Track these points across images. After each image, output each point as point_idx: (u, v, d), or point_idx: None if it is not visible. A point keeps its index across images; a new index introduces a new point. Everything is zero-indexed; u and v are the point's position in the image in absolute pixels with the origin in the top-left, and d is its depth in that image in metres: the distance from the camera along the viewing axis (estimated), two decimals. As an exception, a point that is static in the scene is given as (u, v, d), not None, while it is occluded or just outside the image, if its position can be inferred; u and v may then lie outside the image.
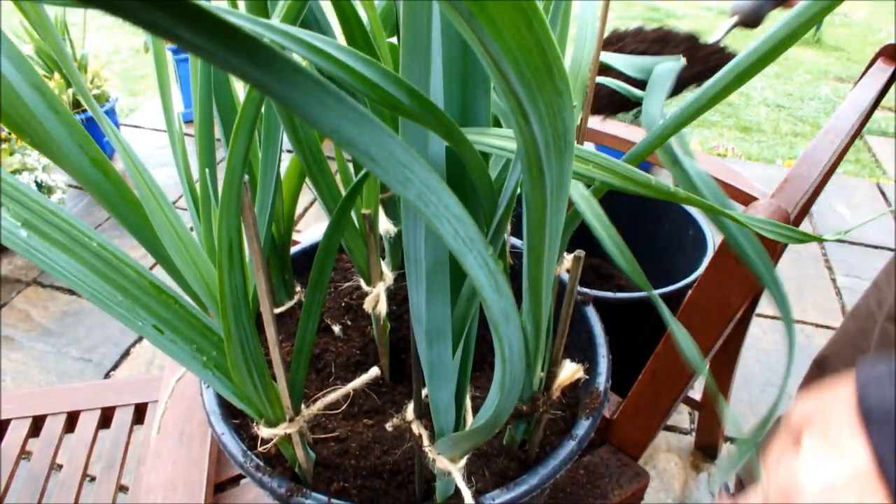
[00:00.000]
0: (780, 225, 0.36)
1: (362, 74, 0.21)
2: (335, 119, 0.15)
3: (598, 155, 0.33)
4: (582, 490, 0.70)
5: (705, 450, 1.45)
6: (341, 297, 0.67)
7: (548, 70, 0.18)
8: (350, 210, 0.46)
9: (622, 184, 0.33)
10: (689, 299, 0.64)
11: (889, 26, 4.33)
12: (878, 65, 0.92)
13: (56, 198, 1.98)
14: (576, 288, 0.45)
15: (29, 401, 0.92)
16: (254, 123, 0.32)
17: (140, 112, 3.01)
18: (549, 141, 0.22)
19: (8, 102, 0.34)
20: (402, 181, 0.18)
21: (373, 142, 0.16)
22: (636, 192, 0.33)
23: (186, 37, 0.11)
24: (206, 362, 0.42)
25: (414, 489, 0.49)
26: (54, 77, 2.21)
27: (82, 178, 0.39)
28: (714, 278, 0.61)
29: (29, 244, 0.36)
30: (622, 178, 0.33)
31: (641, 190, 0.33)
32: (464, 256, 0.23)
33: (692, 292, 0.63)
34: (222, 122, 0.52)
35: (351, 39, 0.39)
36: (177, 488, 0.72)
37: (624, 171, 0.33)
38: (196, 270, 0.43)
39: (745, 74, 0.34)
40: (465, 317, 0.37)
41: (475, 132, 0.31)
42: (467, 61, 0.30)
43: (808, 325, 1.84)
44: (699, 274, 0.87)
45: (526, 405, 0.48)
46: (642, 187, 0.33)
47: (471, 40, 0.18)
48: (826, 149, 0.74)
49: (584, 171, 0.33)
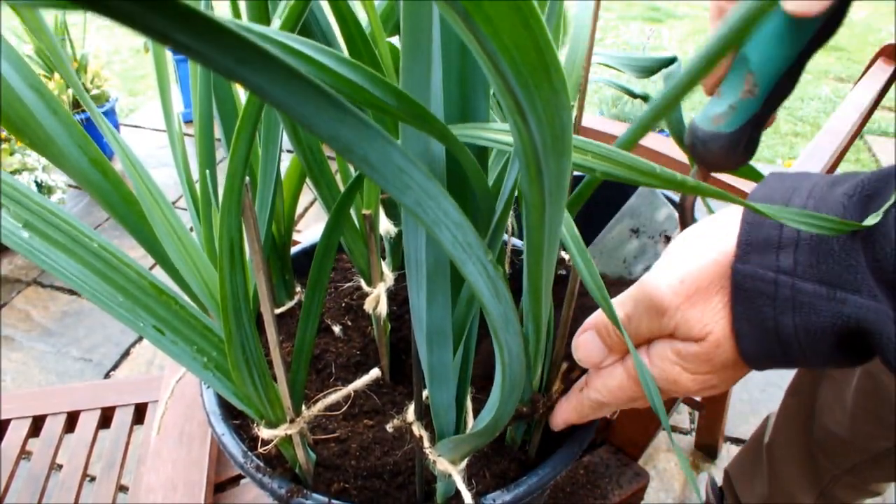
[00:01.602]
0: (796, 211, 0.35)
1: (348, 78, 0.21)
2: (333, 124, 0.15)
3: (597, 145, 0.32)
4: (582, 490, 0.70)
5: (705, 450, 1.45)
6: (342, 297, 0.67)
7: (545, 69, 0.18)
8: (349, 209, 0.46)
9: (626, 173, 0.31)
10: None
11: (889, 26, 4.33)
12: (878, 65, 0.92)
13: (56, 198, 1.98)
14: (577, 288, 0.44)
15: (29, 401, 0.92)
16: (255, 125, 0.32)
17: (140, 112, 3.01)
18: (546, 140, 0.22)
19: (7, 103, 0.34)
20: (400, 187, 0.18)
21: (371, 148, 0.16)
22: (640, 183, 0.32)
23: (182, 40, 0.11)
24: (207, 363, 0.42)
25: (414, 490, 0.49)
26: (54, 77, 2.21)
27: (82, 179, 0.39)
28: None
29: (30, 244, 0.36)
30: (625, 168, 0.31)
31: (645, 179, 0.31)
32: (463, 262, 0.23)
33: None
34: (222, 121, 0.52)
35: (349, 40, 0.39)
36: (177, 488, 0.72)
37: (626, 161, 0.31)
38: (196, 271, 0.43)
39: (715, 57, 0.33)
40: (466, 318, 0.37)
41: (474, 127, 0.31)
42: (467, 63, 0.30)
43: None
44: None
45: (526, 406, 0.48)
46: (646, 176, 0.31)
47: (468, 40, 0.18)
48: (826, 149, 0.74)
49: (583, 161, 0.31)
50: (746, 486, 1.09)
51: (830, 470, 0.90)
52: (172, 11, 0.11)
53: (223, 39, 0.12)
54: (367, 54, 0.40)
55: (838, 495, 0.93)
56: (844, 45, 3.96)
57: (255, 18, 0.38)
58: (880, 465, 0.82)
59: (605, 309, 0.35)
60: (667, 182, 0.31)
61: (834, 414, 0.84)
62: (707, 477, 1.22)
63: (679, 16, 4.39)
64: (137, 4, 0.11)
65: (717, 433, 1.39)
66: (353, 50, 0.39)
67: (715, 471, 1.43)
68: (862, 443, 0.82)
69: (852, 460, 0.85)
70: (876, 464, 0.83)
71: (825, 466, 0.91)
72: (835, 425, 0.85)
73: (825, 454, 0.90)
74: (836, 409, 0.84)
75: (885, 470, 0.83)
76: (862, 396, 0.78)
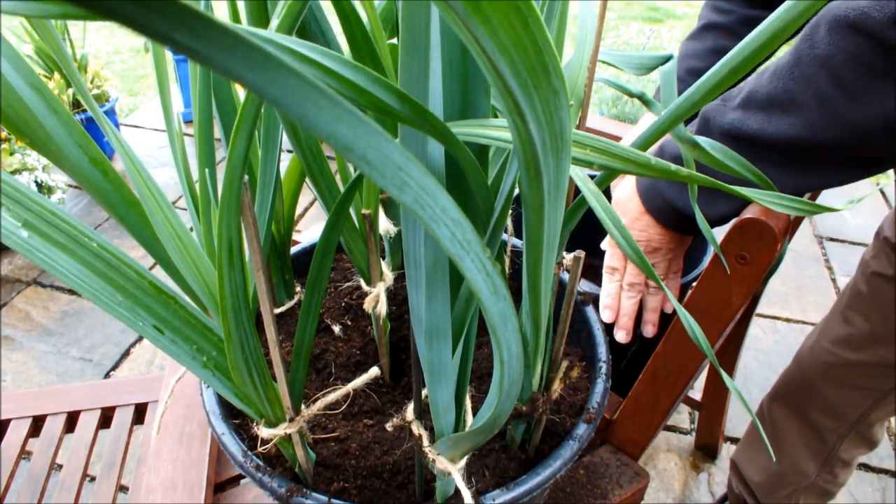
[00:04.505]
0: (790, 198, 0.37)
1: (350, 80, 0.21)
2: (331, 123, 0.15)
3: (595, 138, 0.33)
4: (582, 490, 0.70)
5: (705, 450, 1.45)
6: (341, 297, 0.67)
7: (544, 69, 0.18)
8: (348, 209, 0.46)
9: (622, 166, 0.33)
10: (689, 298, 0.64)
11: (889, 26, 4.32)
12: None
13: (56, 198, 1.98)
14: (576, 288, 0.45)
15: (29, 401, 0.92)
16: (254, 123, 0.32)
17: (140, 112, 3.01)
18: (545, 140, 0.22)
19: (7, 103, 0.34)
20: (399, 185, 0.18)
21: (369, 146, 0.16)
22: (637, 174, 0.33)
23: (182, 40, 0.11)
24: (206, 362, 0.42)
25: (414, 489, 0.49)
26: (54, 77, 2.22)
27: (82, 179, 0.39)
28: (714, 278, 0.61)
29: (30, 244, 0.36)
30: (622, 161, 0.32)
31: (642, 171, 0.33)
32: (461, 260, 0.23)
33: (692, 292, 0.63)
34: (222, 121, 0.52)
35: (352, 39, 0.39)
36: (177, 488, 0.72)
37: (623, 153, 0.32)
38: (196, 271, 0.43)
39: (738, 69, 0.34)
40: (465, 317, 0.37)
41: (474, 124, 0.31)
42: (467, 62, 0.30)
43: (808, 324, 1.84)
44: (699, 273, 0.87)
45: (525, 405, 0.48)
46: (642, 168, 0.32)
47: (466, 39, 0.18)
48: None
49: (581, 155, 0.33)
50: (751, 464, 1.11)
51: (836, 429, 0.95)
52: (172, 11, 0.11)
53: (223, 39, 0.12)
54: (370, 54, 0.40)
55: (842, 456, 0.98)
56: (844, 45, 3.95)
57: (254, 18, 0.38)
58: (884, 403, 0.89)
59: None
60: (661, 172, 0.33)
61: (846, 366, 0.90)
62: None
63: (679, 16, 4.38)
64: (137, 5, 0.11)
65: (717, 433, 1.39)
66: (355, 49, 0.39)
67: (715, 470, 1.43)
68: (873, 383, 0.88)
69: (863, 406, 0.91)
70: (881, 404, 0.90)
71: (830, 426, 0.95)
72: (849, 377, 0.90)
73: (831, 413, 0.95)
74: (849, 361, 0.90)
75: (886, 407, 0.90)
76: (875, 342, 0.85)
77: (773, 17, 0.31)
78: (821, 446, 0.98)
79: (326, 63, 0.22)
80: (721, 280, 0.61)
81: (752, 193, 0.38)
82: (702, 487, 1.39)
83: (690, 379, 0.68)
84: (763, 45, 0.31)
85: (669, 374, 0.68)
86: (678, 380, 0.68)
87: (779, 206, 0.37)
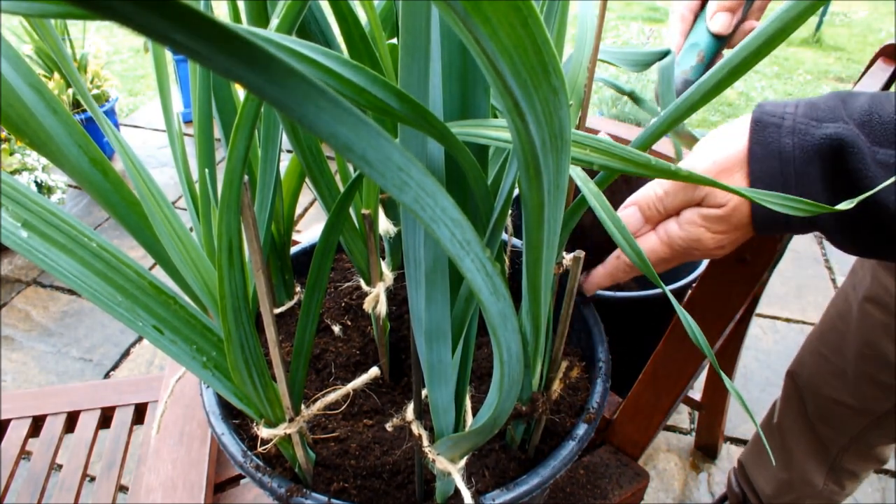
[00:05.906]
0: (790, 198, 0.37)
1: (350, 80, 0.21)
2: (331, 123, 0.15)
3: (595, 139, 0.33)
4: (582, 490, 0.70)
5: (705, 450, 1.45)
6: (341, 297, 0.67)
7: (543, 68, 0.18)
8: (348, 209, 0.46)
9: (622, 166, 0.33)
10: (689, 298, 0.64)
11: (889, 26, 4.33)
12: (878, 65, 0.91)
13: (56, 198, 1.98)
14: (575, 288, 0.45)
15: (29, 401, 0.92)
16: (254, 122, 0.32)
17: (140, 112, 3.01)
18: (545, 140, 0.22)
19: (7, 103, 0.34)
20: (398, 185, 0.18)
21: (369, 146, 0.16)
22: (636, 174, 0.33)
23: (182, 40, 0.11)
24: (206, 363, 0.42)
25: (414, 489, 0.49)
26: (54, 77, 2.22)
27: (81, 179, 0.39)
28: (714, 277, 0.61)
29: (29, 244, 0.36)
30: (621, 160, 0.33)
31: (641, 171, 0.33)
32: (461, 260, 0.23)
33: (692, 291, 0.63)
34: (222, 121, 0.52)
35: (349, 40, 0.39)
36: (177, 488, 0.72)
37: (622, 153, 0.32)
38: (195, 271, 0.43)
39: (737, 70, 0.34)
40: (465, 317, 0.37)
41: (473, 124, 0.31)
42: (467, 62, 0.30)
43: (807, 324, 1.84)
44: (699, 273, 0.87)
45: (525, 405, 0.48)
46: (642, 168, 0.33)
47: (466, 39, 0.18)
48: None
49: (581, 155, 0.33)
50: (759, 470, 1.11)
51: (837, 441, 0.95)
52: (172, 12, 0.11)
53: (222, 39, 0.12)
54: (367, 54, 0.40)
55: (847, 467, 0.98)
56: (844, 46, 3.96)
57: (254, 18, 0.38)
58: (883, 425, 0.89)
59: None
60: (661, 172, 0.33)
61: (834, 385, 0.91)
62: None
63: (679, 16, 4.38)
64: (137, 5, 0.11)
65: (717, 433, 1.39)
66: (353, 50, 0.39)
67: (715, 470, 1.43)
68: (865, 405, 0.88)
69: (859, 425, 0.91)
70: (879, 426, 0.89)
71: (831, 438, 0.96)
72: (837, 394, 0.91)
73: (830, 425, 0.95)
74: (836, 381, 0.90)
75: (886, 430, 0.90)
76: (862, 362, 0.85)
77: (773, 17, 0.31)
78: (825, 456, 0.98)
79: (326, 63, 0.22)
80: (721, 279, 0.61)
81: (751, 193, 0.38)
82: (701, 487, 1.39)
83: (690, 379, 0.68)
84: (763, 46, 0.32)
85: (669, 374, 0.68)
86: (678, 380, 0.68)
87: (779, 206, 0.37)
